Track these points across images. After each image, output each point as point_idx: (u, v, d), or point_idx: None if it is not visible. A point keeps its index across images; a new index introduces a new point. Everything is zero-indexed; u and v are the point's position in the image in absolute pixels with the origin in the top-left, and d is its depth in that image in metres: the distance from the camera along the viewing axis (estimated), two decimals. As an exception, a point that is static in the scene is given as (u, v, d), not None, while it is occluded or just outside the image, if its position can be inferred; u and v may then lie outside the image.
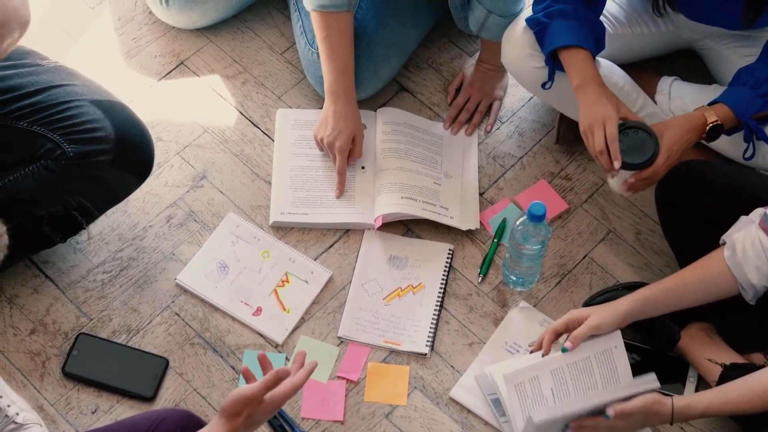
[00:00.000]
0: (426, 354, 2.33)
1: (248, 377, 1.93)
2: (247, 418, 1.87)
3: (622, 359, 2.25)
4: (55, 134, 2.22)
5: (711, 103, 2.29)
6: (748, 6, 2.29)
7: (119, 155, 2.24)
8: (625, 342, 2.31)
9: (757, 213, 2.08)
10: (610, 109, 2.22)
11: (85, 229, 2.34)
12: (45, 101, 2.23)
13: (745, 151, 2.32)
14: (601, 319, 2.12)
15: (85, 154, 2.20)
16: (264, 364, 1.93)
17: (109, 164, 2.24)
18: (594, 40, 2.29)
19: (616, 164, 2.20)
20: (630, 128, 2.24)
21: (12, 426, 2.08)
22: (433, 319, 2.37)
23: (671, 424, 2.09)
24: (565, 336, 2.15)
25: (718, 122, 2.24)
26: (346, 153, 2.49)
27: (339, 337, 2.35)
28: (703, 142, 2.43)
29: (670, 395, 2.12)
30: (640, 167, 2.24)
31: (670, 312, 2.17)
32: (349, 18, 2.47)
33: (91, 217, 2.32)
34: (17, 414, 2.09)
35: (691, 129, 2.27)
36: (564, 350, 2.12)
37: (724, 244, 2.11)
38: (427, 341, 2.34)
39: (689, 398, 2.06)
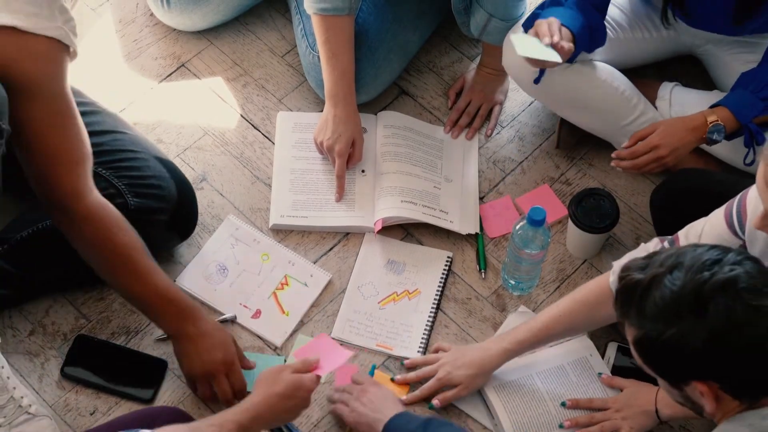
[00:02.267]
0: (417, 360, 2.34)
1: None
2: (285, 389, 1.99)
3: (600, 366, 2.27)
4: (120, 182, 2.22)
5: (712, 107, 2.29)
6: (738, 7, 2.29)
7: (175, 217, 2.29)
8: (624, 347, 2.33)
9: (653, 242, 2.06)
10: None
11: None
12: (111, 145, 2.23)
13: (746, 156, 2.32)
14: (470, 385, 2.22)
15: (147, 210, 2.21)
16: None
17: (165, 225, 2.27)
18: (583, 27, 2.28)
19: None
20: (597, 195, 2.38)
21: (26, 416, 2.11)
22: (426, 325, 2.37)
23: (660, 420, 2.12)
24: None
25: (719, 122, 2.25)
26: (346, 157, 2.49)
27: (333, 339, 2.35)
28: (704, 147, 2.44)
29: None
30: (589, 230, 2.37)
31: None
32: (350, 22, 2.47)
33: None
34: (30, 405, 2.12)
35: (690, 129, 2.28)
36: (431, 407, 2.22)
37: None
38: (420, 347, 2.34)
39: None
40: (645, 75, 2.63)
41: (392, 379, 2.27)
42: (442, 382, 2.22)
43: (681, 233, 2.00)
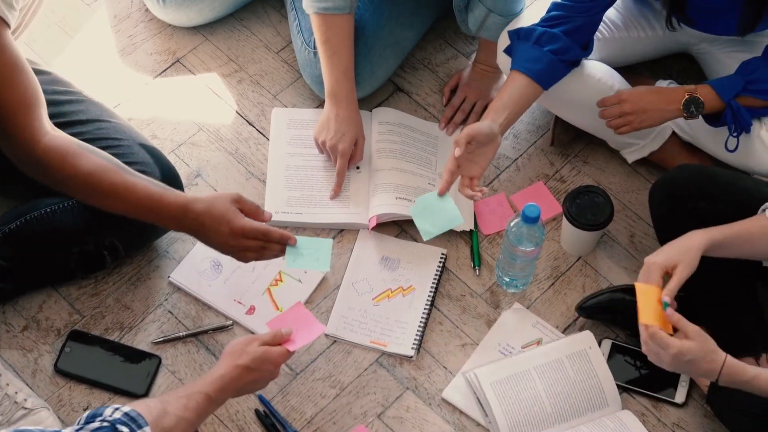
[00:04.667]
0: (411, 357, 2.33)
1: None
2: (251, 362, 1.99)
3: (599, 360, 2.27)
4: None
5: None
6: (743, 17, 2.30)
7: None
8: (618, 344, 2.34)
9: None
10: (492, 129, 2.27)
11: (107, 268, 2.35)
12: (95, 133, 2.23)
13: (727, 141, 2.34)
14: (689, 271, 2.07)
15: None
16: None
17: None
18: (549, 66, 2.32)
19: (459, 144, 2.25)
20: (592, 192, 2.37)
21: (22, 411, 2.12)
22: (420, 322, 2.37)
23: (716, 381, 2.00)
24: None
25: (697, 95, 2.29)
26: (348, 156, 2.48)
27: (326, 335, 2.35)
28: (692, 141, 2.45)
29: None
30: (583, 227, 2.37)
31: (733, 258, 2.14)
32: (350, 20, 2.47)
33: (117, 258, 2.34)
34: (25, 400, 2.13)
35: (665, 99, 2.32)
36: (666, 305, 2.03)
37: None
38: (414, 344, 2.34)
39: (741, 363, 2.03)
40: (640, 73, 2.63)
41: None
42: (651, 269, 2.09)
43: None
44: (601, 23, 2.46)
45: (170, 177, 2.30)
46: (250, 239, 2.14)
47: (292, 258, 2.18)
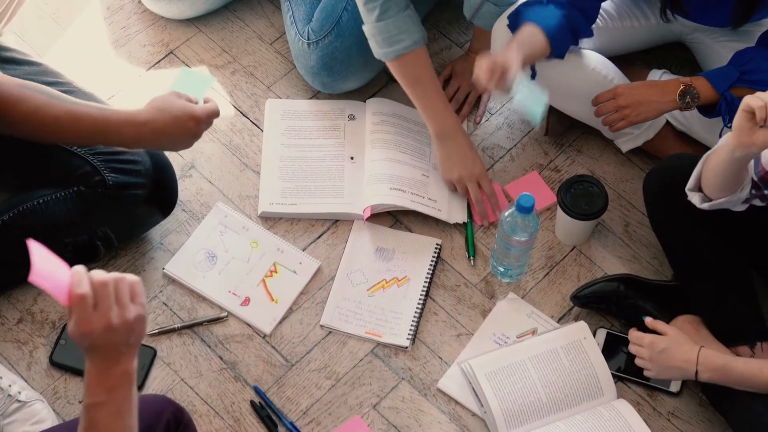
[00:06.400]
0: (407, 347, 2.33)
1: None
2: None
3: (594, 351, 2.28)
4: (96, 159, 2.23)
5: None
6: (736, 10, 2.30)
7: (153, 192, 2.28)
8: (613, 334, 2.34)
9: None
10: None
11: (100, 259, 2.35)
12: None
13: (721, 132, 2.34)
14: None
15: (124, 185, 2.21)
16: None
17: (144, 200, 2.27)
18: (561, 28, 2.29)
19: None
20: (586, 182, 2.38)
21: (16, 404, 2.12)
22: (416, 312, 2.37)
23: (696, 378, 2.11)
24: None
25: (692, 86, 2.29)
26: (486, 174, 2.48)
27: (322, 326, 2.35)
28: (686, 130, 2.45)
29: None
30: (577, 217, 2.37)
31: None
32: (427, 51, 2.45)
33: (111, 248, 2.34)
34: (19, 392, 2.13)
35: (660, 91, 2.33)
36: (644, 318, 2.22)
37: None
38: (409, 334, 2.34)
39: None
40: (633, 62, 2.63)
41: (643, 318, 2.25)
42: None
43: None
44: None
45: (162, 168, 2.30)
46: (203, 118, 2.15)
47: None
